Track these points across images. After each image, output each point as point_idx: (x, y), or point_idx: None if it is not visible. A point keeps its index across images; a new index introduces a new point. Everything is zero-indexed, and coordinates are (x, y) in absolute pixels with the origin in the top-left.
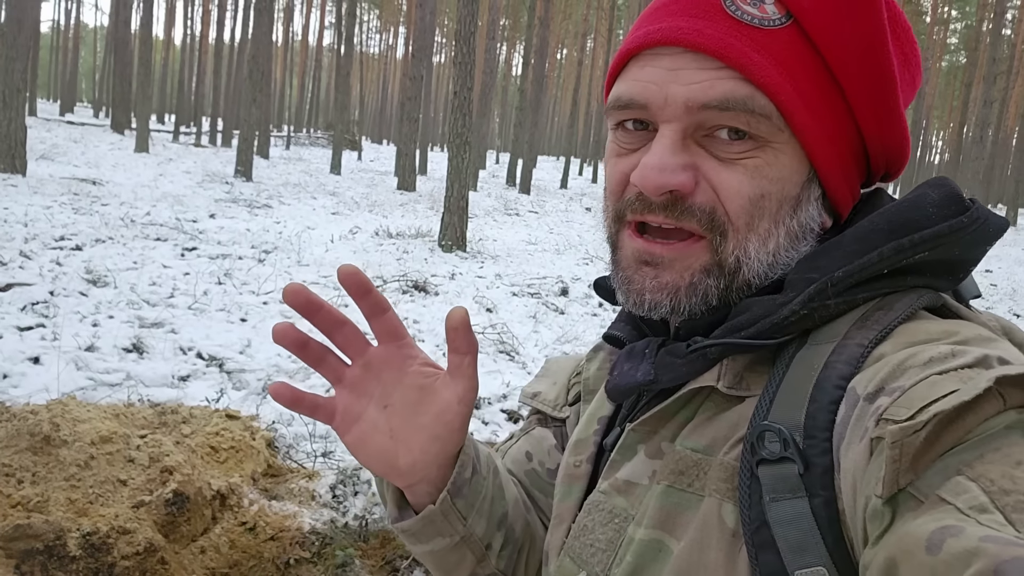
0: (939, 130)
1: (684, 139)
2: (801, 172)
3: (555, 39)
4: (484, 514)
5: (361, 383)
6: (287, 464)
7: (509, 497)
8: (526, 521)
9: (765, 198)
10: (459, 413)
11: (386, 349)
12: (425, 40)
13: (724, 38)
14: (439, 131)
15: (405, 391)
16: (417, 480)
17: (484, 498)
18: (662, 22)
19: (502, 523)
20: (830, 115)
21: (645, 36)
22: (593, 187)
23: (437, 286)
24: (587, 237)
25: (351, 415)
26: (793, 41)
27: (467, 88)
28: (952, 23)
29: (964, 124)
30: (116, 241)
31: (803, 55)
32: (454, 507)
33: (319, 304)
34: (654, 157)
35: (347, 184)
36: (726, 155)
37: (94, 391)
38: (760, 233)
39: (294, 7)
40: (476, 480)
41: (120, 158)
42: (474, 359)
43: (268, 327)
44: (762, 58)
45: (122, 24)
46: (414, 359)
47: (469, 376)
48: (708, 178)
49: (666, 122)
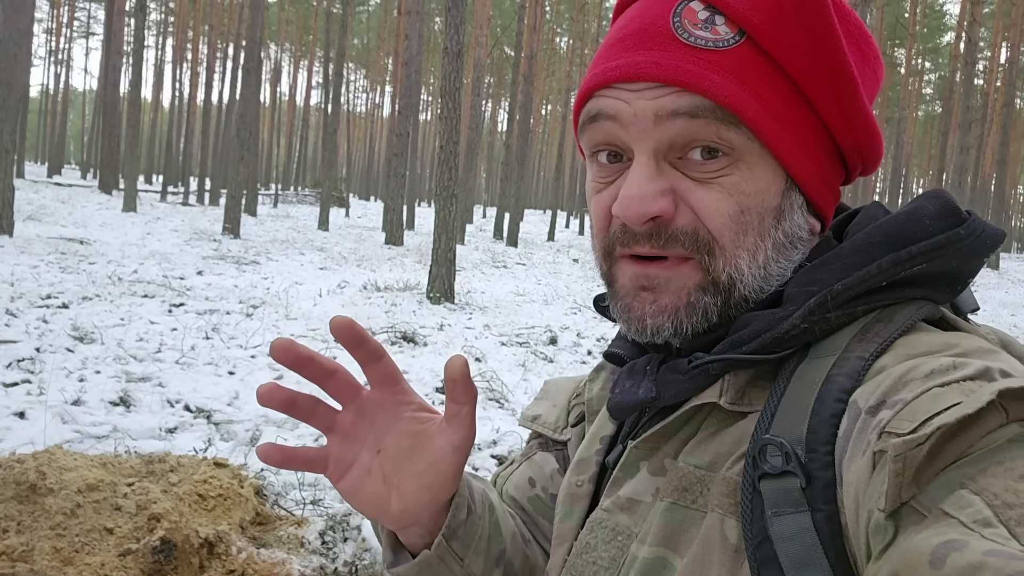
0: (919, 178)
1: (659, 163)
2: (778, 182)
3: (539, 95)
4: (481, 553)
5: (353, 429)
6: (276, 512)
7: (506, 532)
8: (525, 555)
9: (746, 213)
10: (453, 463)
11: (380, 394)
12: (411, 98)
13: (681, 65)
14: (426, 187)
15: (398, 437)
16: (409, 524)
17: (480, 537)
18: (618, 58)
19: (500, 559)
20: (798, 122)
21: (603, 73)
22: (580, 239)
23: (426, 337)
24: (575, 288)
25: (344, 462)
26: (749, 57)
27: (453, 142)
28: (926, 74)
29: (943, 171)
30: (103, 299)
31: (762, 69)
32: (450, 550)
33: (308, 357)
34: (632, 187)
35: (335, 240)
36: (701, 175)
37: (80, 444)
38: (748, 248)
39: (282, 68)
40: (471, 520)
41: (108, 218)
42: (472, 408)
43: (256, 379)
44: (722, 78)
45: (111, 86)
46: (408, 404)
47: (467, 425)
48: (686, 200)
49: (639, 140)
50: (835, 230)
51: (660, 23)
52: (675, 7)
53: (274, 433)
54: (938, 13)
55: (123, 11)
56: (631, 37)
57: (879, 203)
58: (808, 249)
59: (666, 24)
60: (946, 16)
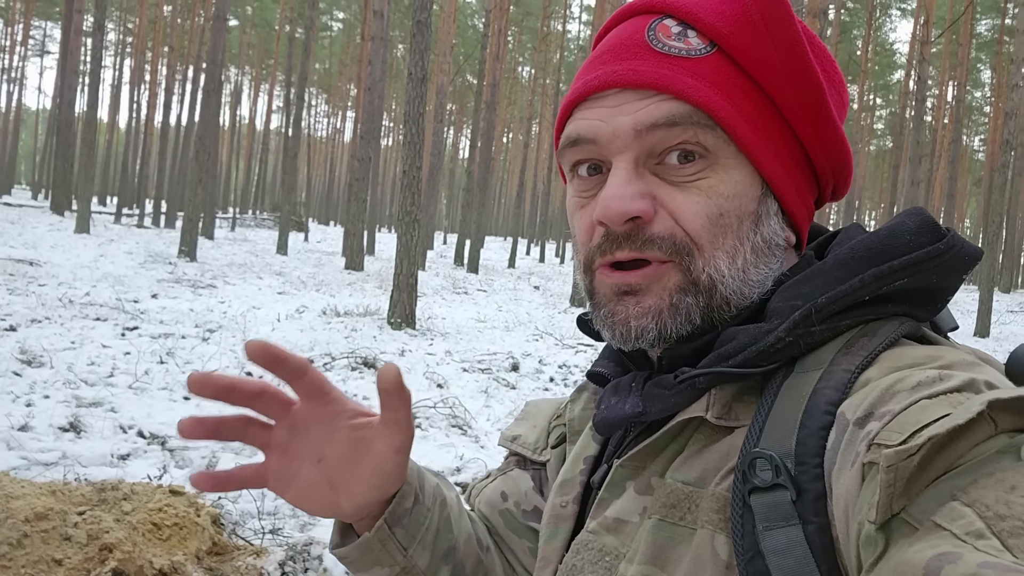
0: (871, 210)
1: (637, 168)
2: (755, 187)
3: (501, 123)
4: (428, 546)
5: (290, 443)
6: (233, 541)
7: (459, 531)
8: (479, 559)
9: (724, 216)
10: (396, 463)
11: (311, 407)
12: (373, 123)
13: (657, 70)
14: (386, 212)
15: (337, 446)
16: (364, 517)
17: (427, 529)
18: (598, 70)
19: (449, 557)
20: (770, 129)
21: (584, 85)
22: (541, 266)
23: (387, 362)
24: (536, 314)
25: (285, 476)
26: (721, 66)
27: (416, 167)
28: (877, 110)
29: (894, 204)
30: (53, 321)
31: (733, 77)
32: (393, 536)
33: (227, 387)
34: (611, 188)
35: (294, 264)
36: (678, 178)
37: (28, 471)
38: (727, 249)
39: (242, 90)
40: (418, 510)
41: (59, 239)
42: (408, 412)
43: (213, 405)
44: (695, 81)
45: (66, 106)
46: (343, 413)
47: (404, 428)
48: (664, 204)
49: (618, 154)
50: (817, 250)
51: (636, 37)
52: (650, 23)
53: (232, 459)
54: (888, 51)
55: (80, 31)
56: (608, 52)
57: (859, 224)
58: (786, 262)
59: (641, 37)
60: (896, 55)
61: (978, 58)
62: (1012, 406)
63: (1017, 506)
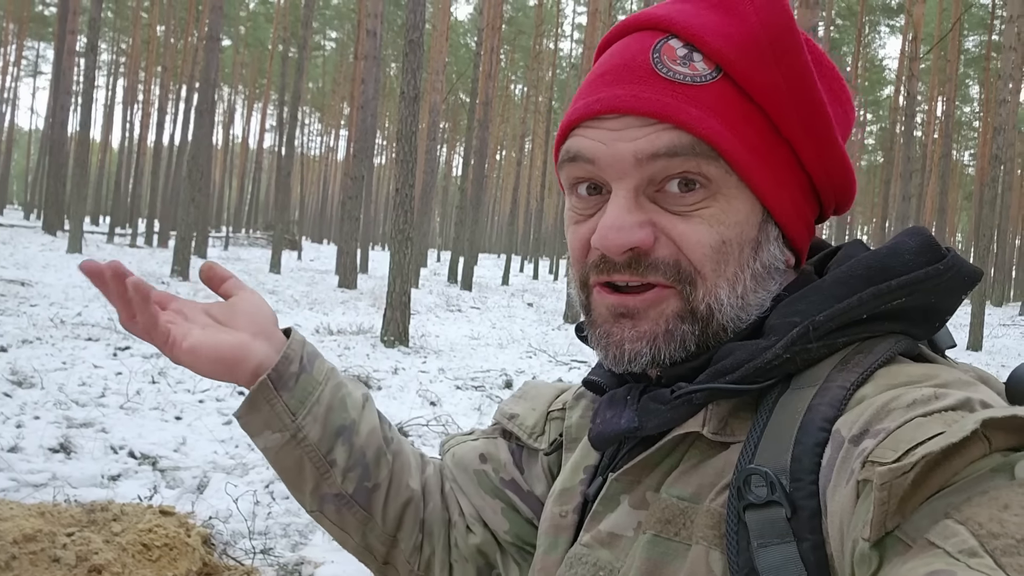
0: (863, 225)
1: (637, 196)
2: (756, 214)
3: (494, 140)
4: (319, 419)
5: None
6: (224, 561)
7: (362, 421)
8: (387, 458)
9: (727, 244)
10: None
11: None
12: (367, 141)
13: (660, 98)
14: (380, 230)
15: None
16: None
17: (317, 402)
18: (600, 92)
19: (343, 437)
20: (773, 156)
21: (585, 107)
22: (534, 283)
23: (380, 380)
24: (529, 331)
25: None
26: (725, 92)
27: (409, 185)
28: (868, 125)
29: (886, 218)
30: (44, 342)
31: (737, 104)
32: (279, 397)
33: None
34: (610, 218)
35: (287, 283)
36: (680, 208)
37: (16, 492)
38: (728, 278)
39: (235, 110)
40: (305, 379)
41: (51, 259)
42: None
43: (204, 424)
44: (699, 111)
45: (58, 126)
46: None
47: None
48: (666, 232)
49: (618, 180)
50: (817, 266)
51: (640, 58)
52: (655, 44)
53: (223, 479)
54: (878, 67)
55: (73, 51)
56: (612, 72)
57: (861, 241)
58: (785, 281)
59: (646, 59)
60: (885, 71)
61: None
62: (1006, 425)
63: (1011, 524)
